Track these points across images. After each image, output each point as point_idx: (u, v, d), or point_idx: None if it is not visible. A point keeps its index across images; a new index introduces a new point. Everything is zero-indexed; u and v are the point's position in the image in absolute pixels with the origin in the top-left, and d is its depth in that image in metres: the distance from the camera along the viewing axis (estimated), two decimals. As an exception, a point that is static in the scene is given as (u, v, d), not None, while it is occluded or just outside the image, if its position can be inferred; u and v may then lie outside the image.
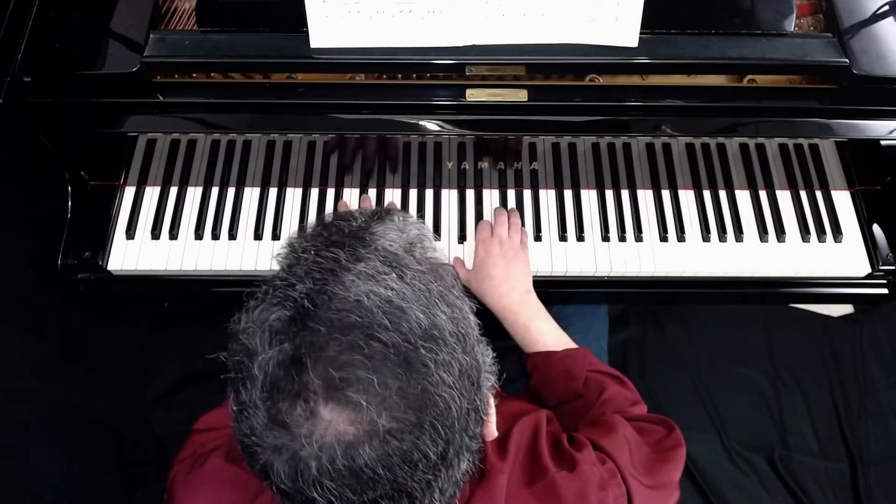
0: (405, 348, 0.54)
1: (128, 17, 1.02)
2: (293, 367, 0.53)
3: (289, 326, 0.55)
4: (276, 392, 0.54)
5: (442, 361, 0.55)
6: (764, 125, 1.07)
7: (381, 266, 0.57)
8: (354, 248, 0.59)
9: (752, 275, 1.14)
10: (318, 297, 0.55)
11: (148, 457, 1.44)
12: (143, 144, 1.16)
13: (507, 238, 1.11)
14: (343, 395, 0.52)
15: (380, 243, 0.61)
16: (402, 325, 0.54)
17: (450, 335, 0.57)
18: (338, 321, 0.54)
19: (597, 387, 0.97)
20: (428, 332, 0.55)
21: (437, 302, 0.58)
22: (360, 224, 0.64)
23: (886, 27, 1.03)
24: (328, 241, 0.61)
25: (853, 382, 1.58)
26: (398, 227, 0.64)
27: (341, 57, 0.98)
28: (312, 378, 0.53)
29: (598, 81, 1.04)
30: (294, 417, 0.53)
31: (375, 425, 0.52)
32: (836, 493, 1.47)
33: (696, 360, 1.58)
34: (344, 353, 0.53)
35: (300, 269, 0.58)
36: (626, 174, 1.18)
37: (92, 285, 1.12)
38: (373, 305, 0.55)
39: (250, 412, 0.55)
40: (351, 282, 0.56)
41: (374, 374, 0.53)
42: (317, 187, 1.17)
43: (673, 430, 0.91)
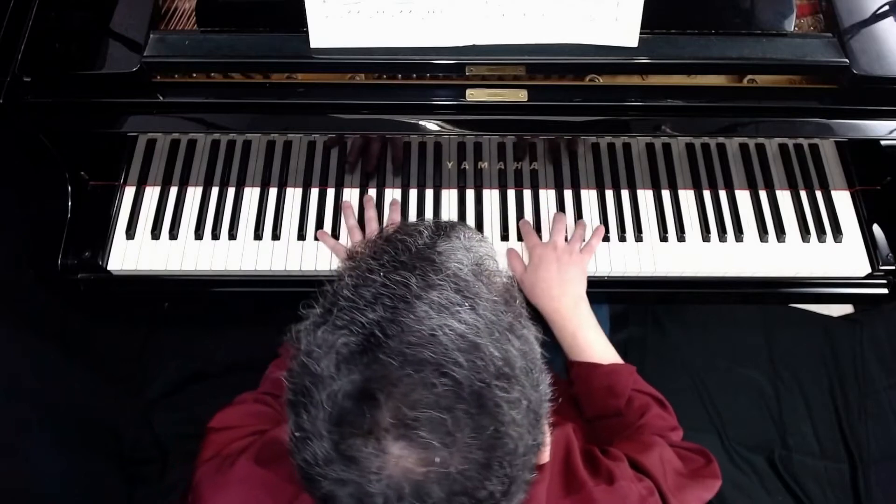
0: (479, 387, 0.52)
1: (128, 17, 1.02)
2: (364, 402, 0.52)
3: (359, 356, 0.53)
4: (344, 426, 0.52)
5: (513, 400, 0.54)
6: (764, 125, 1.07)
7: (453, 295, 0.56)
8: (425, 273, 0.57)
9: (752, 275, 1.14)
10: (389, 327, 0.54)
11: (148, 457, 1.44)
12: (143, 144, 1.16)
13: (564, 244, 1.10)
14: (415, 434, 0.51)
15: (449, 266, 0.59)
16: (477, 362, 0.53)
17: (520, 371, 0.56)
18: (411, 355, 0.52)
19: (639, 408, 0.96)
20: (501, 370, 0.54)
21: (509, 335, 0.57)
22: (426, 241, 0.62)
23: (886, 27, 1.03)
24: (396, 262, 0.59)
25: (853, 382, 1.58)
26: (464, 246, 0.62)
27: (341, 57, 0.98)
28: (384, 415, 0.51)
29: (598, 81, 1.04)
30: (363, 454, 0.52)
31: (446, 466, 0.52)
32: (836, 493, 1.47)
33: (696, 360, 1.58)
34: (416, 391, 0.52)
35: (368, 293, 0.56)
36: (626, 174, 1.18)
37: (92, 285, 1.12)
38: (447, 341, 0.53)
39: (314, 441, 0.53)
40: (424, 313, 0.54)
41: (447, 413, 0.51)
42: (317, 187, 1.17)
43: (711, 463, 0.90)
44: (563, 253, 1.08)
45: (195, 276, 1.12)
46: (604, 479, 0.76)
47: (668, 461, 0.85)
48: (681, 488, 0.83)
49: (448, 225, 0.65)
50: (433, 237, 0.62)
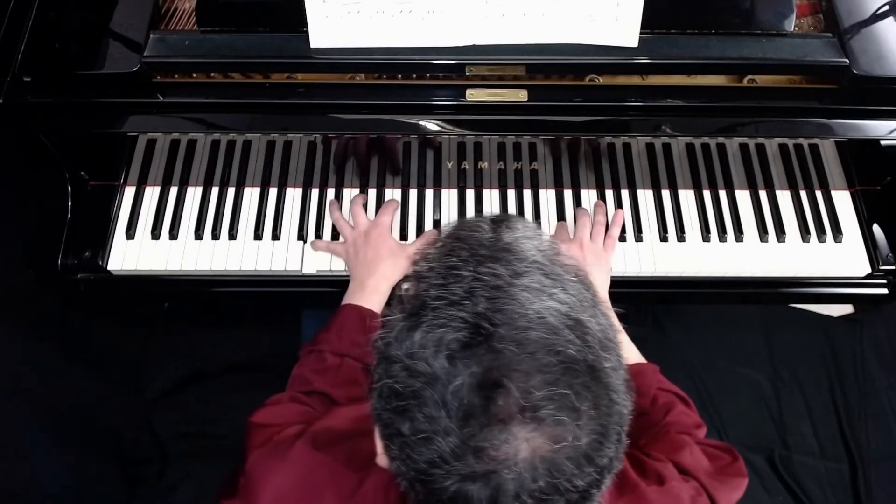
0: (591, 360, 0.54)
1: (128, 17, 1.02)
2: (489, 391, 0.52)
3: (473, 349, 0.53)
4: (474, 418, 0.52)
5: (616, 367, 0.56)
6: (764, 125, 1.07)
7: (544, 279, 0.57)
8: (509, 262, 0.57)
9: (752, 275, 1.14)
10: (494, 316, 0.54)
11: (148, 457, 1.44)
12: (143, 144, 1.16)
13: (589, 241, 1.10)
14: (544, 413, 0.52)
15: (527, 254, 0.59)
16: (585, 337, 0.55)
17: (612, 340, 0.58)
18: (525, 340, 0.53)
19: (664, 406, 0.96)
20: (602, 341, 0.56)
21: (595, 311, 0.58)
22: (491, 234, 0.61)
23: (886, 27, 1.03)
24: (478, 256, 0.58)
25: (853, 382, 1.58)
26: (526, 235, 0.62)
27: (341, 57, 0.98)
28: (512, 401, 0.52)
29: (598, 81, 1.04)
30: (496, 443, 0.52)
31: (577, 439, 0.52)
32: (836, 493, 1.46)
33: (696, 360, 1.58)
34: (538, 373, 0.52)
35: (459, 288, 0.56)
36: (626, 174, 1.18)
37: (92, 285, 1.12)
38: (554, 321, 0.54)
39: (440, 441, 0.53)
40: (525, 298, 0.55)
41: (569, 389, 0.52)
42: (317, 187, 1.17)
43: (737, 460, 0.90)
44: (588, 252, 1.08)
45: (195, 276, 1.12)
46: (654, 479, 0.77)
47: (699, 461, 0.86)
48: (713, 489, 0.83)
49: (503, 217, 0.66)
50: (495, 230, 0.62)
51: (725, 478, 0.87)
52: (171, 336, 1.58)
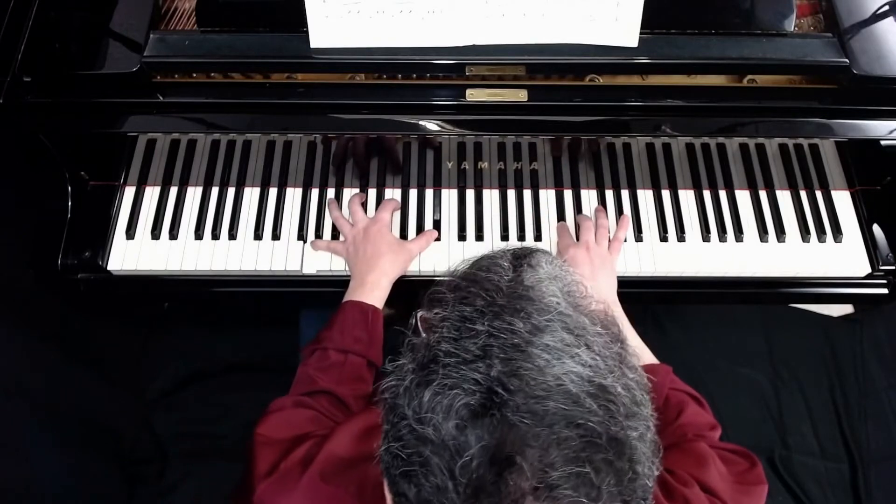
0: (615, 432, 0.50)
1: (128, 17, 1.02)
2: (502, 469, 0.48)
3: (485, 419, 0.49)
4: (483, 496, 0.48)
5: (641, 435, 0.52)
6: (764, 125, 1.07)
7: (565, 336, 0.52)
8: (529, 314, 0.53)
9: (752, 275, 1.14)
10: (510, 381, 0.50)
11: (148, 457, 1.44)
12: (143, 144, 1.16)
13: (595, 244, 1.09)
14: (560, 493, 0.48)
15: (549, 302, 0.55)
16: (609, 406, 0.50)
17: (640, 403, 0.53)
18: (541, 410, 0.49)
19: (677, 406, 0.94)
20: (629, 407, 0.51)
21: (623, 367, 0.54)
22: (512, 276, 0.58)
23: (886, 27, 1.03)
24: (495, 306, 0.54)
25: (853, 382, 1.58)
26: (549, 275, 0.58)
27: (341, 57, 0.98)
28: (525, 480, 0.48)
29: (598, 81, 1.04)
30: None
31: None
32: (836, 493, 1.46)
33: (696, 360, 1.58)
34: (553, 447, 0.48)
35: (472, 345, 0.52)
36: (626, 174, 1.18)
37: (92, 285, 1.12)
38: (576, 389, 0.50)
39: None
40: (544, 361, 0.51)
41: (589, 466, 0.48)
42: (317, 187, 1.17)
43: (756, 466, 0.88)
44: (595, 255, 1.08)
45: (195, 276, 1.12)
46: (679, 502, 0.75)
47: (723, 474, 0.83)
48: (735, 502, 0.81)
49: (525, 253, 0.61)
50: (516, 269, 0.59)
51: (747, 487, 0.85)
52: (171, 336, 1.58)
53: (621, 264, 1.12)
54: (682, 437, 0.91)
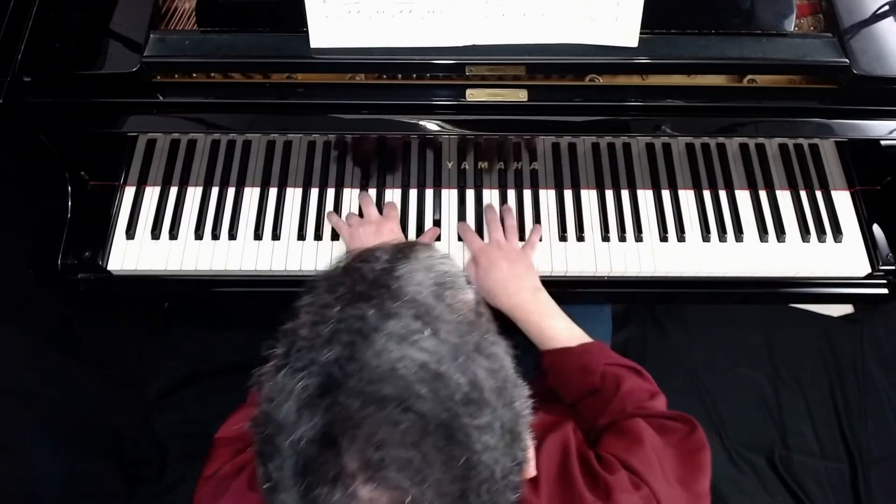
0: (446, 418, 0.51)
1: (128, 17, 1.02)
2: (328, 448, 0.50)
3: (319, 399, 0.51)
4: (309, 474, 0.50)
5: (484, 425, 0.52)
6: (764, 125, 1.07)
7: (412, 322, 0.54)
8: (382, 302, 0.55)
9: (752, 275, 1.14)
10: (348, 366, 0.52)
11: (148, 457, 1.44)
12: (143, 144, 1.16)
13: (505, 241, 1.10)
14: (383, 475, 0.49)
15: (408, 290, 0.56)
16: (441, 392, 0.51)
17: (490, 392, 0.54)
18: (372, 394, 0.50)
19: (614, 380, 0.95)
20: (468, 395, 0.52)
21: (475, 356, 0.54)
22: (384, 265, 0.59)
23: (886, 27, 1.03)
24: (353, 294, 0.56)
25: (853, 382, 1.58)
26: (424, 266, 0.59)
27: (341, 57, 0.98)
28: (349, 460, 0.50)
29: (598, 81, 1.04)
30: (331, 501, 0.50)
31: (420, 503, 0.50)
32: (836, 493, 1.47)
33: (696, 360, 1.58)
34: (381, 430, 0.50)
35: (325, 330, 0.54)
36: (626, 174, 1.18)
37: (92, 285, 1.12)
38: (408, 374, 0.51)
39: (282, 492, 0.52)
40: (383, 346, 0.52)
41: (414, 450, 0.50)
42: (317, 187, 1.17)
43: (695, 430, 0.88)
44: (508, 250, 1.08)
45: (195, 276, 1.12)
46: (601, 493, 0.75)
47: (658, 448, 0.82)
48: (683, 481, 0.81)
49: (408, 246, 0.63)
50: (392, 261, 0.60)
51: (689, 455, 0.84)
52: (171, 336, 1.58)
53: (622, 264, 1.12)
54: (621, 412, 0.91)
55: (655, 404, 0.95)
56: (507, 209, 1.15)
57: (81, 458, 1.33)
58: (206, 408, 1.50)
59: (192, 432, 1.48)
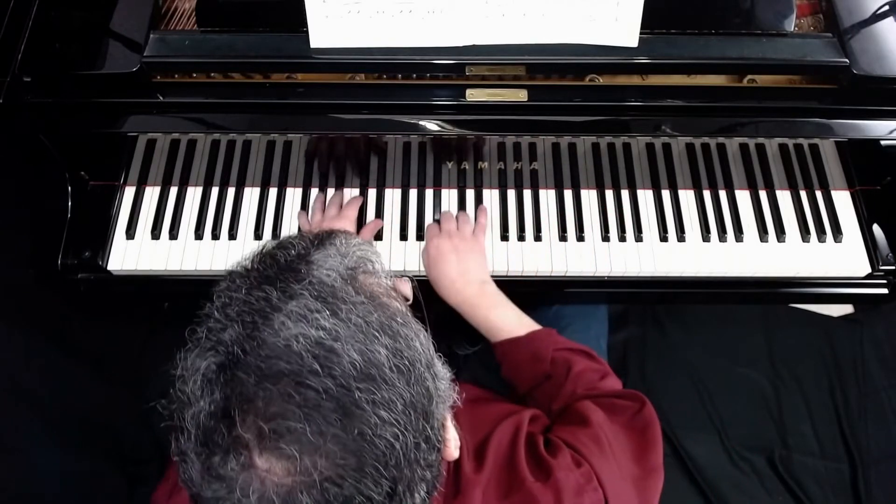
0: (339, 392, 0.52)
1: (128, 17, 1.02)
2: (223, 421, 0.53)
3: (218, 376, 0.54)
4: (209, 445, 0.53)
5: (381, 400, 0.54)
6: (764, 125, 1.07)
7: (312, 303, 0.56)
8: (287, 284, 0.57)
9: (752, 275, 1.14)
10: (247, 343, 0.54)
11: (148, 457, 1.44)
12: (143, 144, 1.16)
13: (456, 230, 1.10)
14: (275, 446, 0.51)
15: (316, 274, 0.59)
16: (335, 368, 0.53)
17: (390, 370, 0.55)
18: (266, 369, 0.53)
19: (564, 364, 0.96)
20: (363, 371, 0.54)
21: (377, 335, 0.56)
22: (299, 252, 0.61)
23: (886, 27, 1.03)
24: (261, 277, 0.59)
25: (853, 382, 1.58)
26: (339, 252, 0.62)
27: (341, 57, 0.98)
28: (244, 431, 0.52)
29: (598, 81, 1.04)
30: (228, 471, 0.52)
31: (311, 474, 0.51)
32: (836, 493, 1.47)
33: (696, 360, 1.58)
34: (274, 404, 0.52)
35: (232, 311, 0.57)
36: (626, 174, 1.18)
37: (92, 285, 1.11)
38: (302, 350, 0.53)
39: (187, 463, 0.54)
40: (281, 324, 0.54)
41: (307, 422, 0.51)
42: (317, 187, 1.17)
43: (644, 406, 0.89)
44: (458, 240, 1.08)
45: (195, 276, 1.12)
46: (542, 474, 0.76)
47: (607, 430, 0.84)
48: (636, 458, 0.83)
49: (326, 234, 0.65)
50: (308, 247, 0.62)
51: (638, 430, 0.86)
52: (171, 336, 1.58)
53: (622, 264, 1.12)
54: (572, 395, 0.92)
55: (606, 384, 0.96)
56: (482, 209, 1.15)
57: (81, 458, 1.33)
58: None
59: (192, 432, 1.48)
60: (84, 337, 1.45)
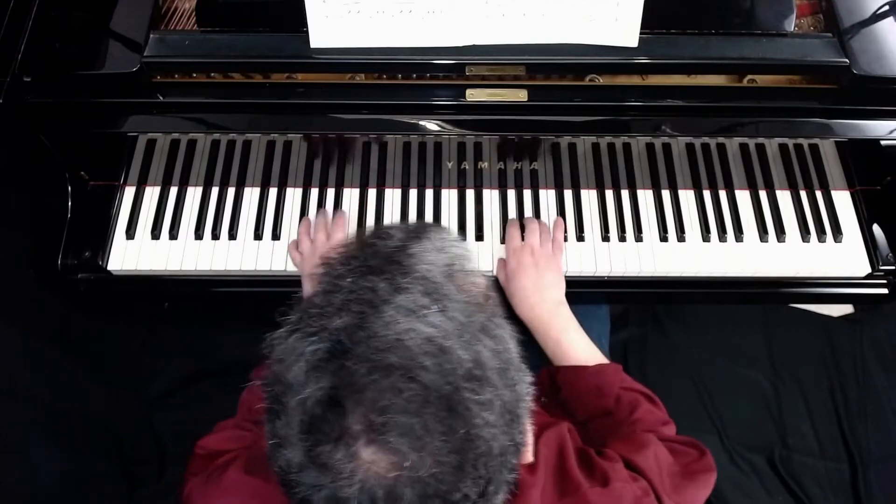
0: (447, 390, 0.53)
1: (128, 17, 1.02)
2: (333, 409, 0.53)
3: (327, 363, 0.54)
4: (315, 433, 0.53)
5: (485, 401, 0.54)
6: (764, 125, 1.07)
7: (421, 298, 0.56)
8: (393, 277, 0.57)
9: (752, 275, 1.14)
10: (356, 334, 0.54)
11: (148, 457, 1.44)
12: (143, 144, 1.16)
13: (539, 246, 1.10)
14: (384, 439, 0.52)
15: (419, 268, 0.58)
16: (445, 365, 0.53)
17: (492, 371, 0.55)
18: (378, 361, 0.53)
19: (629, 405, 0.96)
20: (470, 372, 0.54)
21: (480, 336, 0.56)
22: (398, 243, 0.61)
23: (886, 27, 1.03)
24: (366, 267, 0.58)
25: (853, 382, 1.58)
26: (436, 247, 0.61)
27: (341, 57, 0.98)
28: (353, 422, 0.52)
29: (598, 81, 1.04)
30: (334, 460, 0.52)
31: (417, 470, 0.52)
32: (836, 493, 1.46)
33: (696, 360, 1.58)
34: (384, 397, 0.52)
35: (337, 299, 0.56)
36: (626, 174, 1.18)
37: (92, 285, 1.12)
38: (413, 345, 0.53)
39: (287, 448, 0.54)
40: (391, 317, 0.54)
41: (416, 418, 0.52)
42: (317, 187, 1.17)
43: (704, 455, 0.89)
44: (540, 257, 1.08)
45: (195, 276, 1.12)
46: (598, 480, 0.76)
47: (662, 459, 0.84)
48: (678, 489, 0.83)
49: (421, 226, 0.65)
50: (405, 239, 0.62)
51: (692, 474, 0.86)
52: (171, 336, 1.58)
53: (622, 264, 1.13)
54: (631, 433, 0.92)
55: (666, 430, 0.95)
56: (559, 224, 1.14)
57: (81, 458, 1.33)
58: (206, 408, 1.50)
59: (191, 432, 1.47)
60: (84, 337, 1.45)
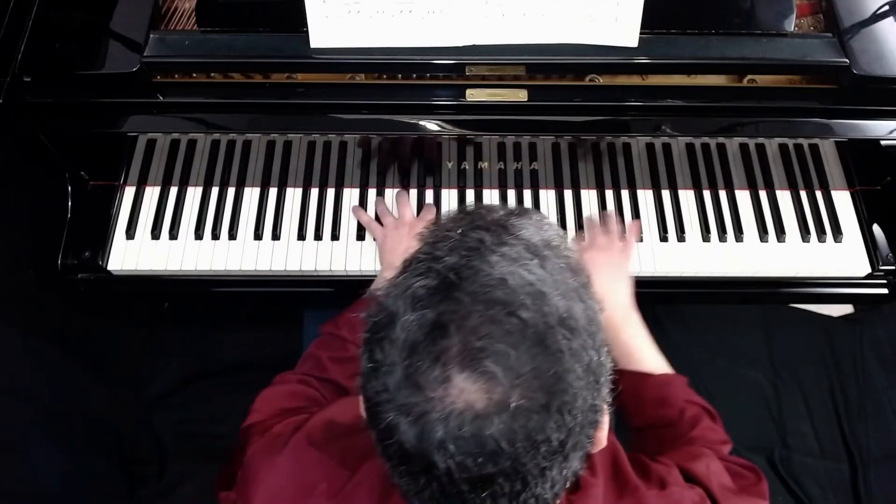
0: (542, 328, 0.55)
1: (128, 17, 1.02)
2: (435, 331, 0.55)
3: (433, 295, 0.56)
4: (415, 353, 0.55)
5: (575, 350, 0.56)
6: (764, 125, 1.07)
7: (524, 252, 0.59)
8: (498, 234, 0.60)
9: (752, 275, 1.14)
10: (463, 271, 0.57)
11: (148, 457, 1.44)
12: (143, 144, 1.16)
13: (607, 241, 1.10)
14: (480, 364, 0.53)
15: (522, 234, 0.61)
16: (543, 307, 0.55)
17: (583, 327, 0.57)
18: (482, 294, 0.55)
19: (691, 419, 0.95)
20: (565, 319, 0.56)
21: (573, 295, 0.59)
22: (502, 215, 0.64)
23: (886, 27, 1.03)
24: (473, 225, 0.61)
25: (853, 382, 1.58)
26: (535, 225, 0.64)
27: (341, 57, 0.98)
28: (452, 343, 0.54)
29: (598, 81, 1.04)
30: (429, 379, 0.54)
31: (507, 399, 0.53)
32: (836, 493, 1.47)
33: (696, 360, 1.58)
34: (485, 325, 0.54)
35: (444, 246, 0.59)
36: (626, 174, 1.18)
37: (92, 285, 1.11)
38: (516, 285, 0.56)
39: (386, 370, 0.56)
40: (496, 262, 0.57)
41: (512, 348, 0.54)
42: (317, 187, 1.17)
43: (761, 481, 0.89)
44: (610, 253, 1.08)
45: (195, 276, 1.12)
46: (655, 483, 0.77)
47: (714, 473, 0.84)
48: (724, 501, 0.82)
49: (523, 209, 0.68)
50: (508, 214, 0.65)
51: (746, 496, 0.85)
52: (171, 336, 1.59)
53: (621, 264, 1.12)
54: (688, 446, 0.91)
55: (725, 450, 0.95)
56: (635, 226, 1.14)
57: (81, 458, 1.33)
58: (206, 408, 1.51)
59: (191, 432, 1.48)
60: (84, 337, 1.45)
